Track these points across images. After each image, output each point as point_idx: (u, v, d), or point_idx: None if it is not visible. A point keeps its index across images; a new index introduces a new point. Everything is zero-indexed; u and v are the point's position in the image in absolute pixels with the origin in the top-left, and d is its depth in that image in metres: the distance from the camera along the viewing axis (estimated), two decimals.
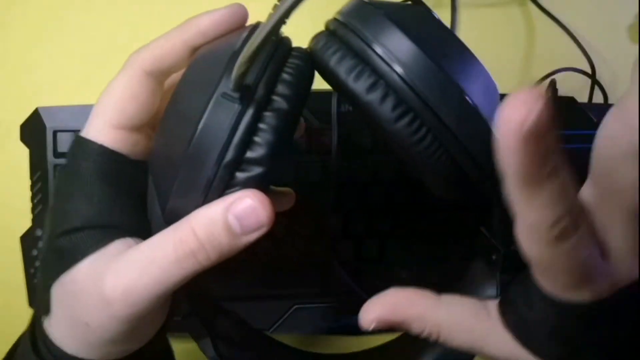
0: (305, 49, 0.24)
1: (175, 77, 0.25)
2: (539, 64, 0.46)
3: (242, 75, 0.20)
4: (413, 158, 0.22)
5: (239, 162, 0.20)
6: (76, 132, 0.39)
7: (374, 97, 0.21)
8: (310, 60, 0.23)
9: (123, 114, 0.24)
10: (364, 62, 0.21)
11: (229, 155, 0.20)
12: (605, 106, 0.45)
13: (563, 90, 0.44)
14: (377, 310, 0.23)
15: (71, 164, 0.24)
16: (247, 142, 0.20)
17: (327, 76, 0.23)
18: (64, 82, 0.43)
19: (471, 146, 0.21)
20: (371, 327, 0.22)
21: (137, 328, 0.22)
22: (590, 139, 0.43)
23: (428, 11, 0.25)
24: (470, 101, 0.21)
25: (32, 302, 0.40)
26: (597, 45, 0.46)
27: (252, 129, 0.20)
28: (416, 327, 0.22)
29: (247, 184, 0.20)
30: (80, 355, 0.22)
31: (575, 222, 0.18)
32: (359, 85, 0.21)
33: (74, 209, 0.23)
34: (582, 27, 0.46)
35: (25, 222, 0.40)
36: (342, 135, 0.40)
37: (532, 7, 0.46)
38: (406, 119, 0.21)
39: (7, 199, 0.42)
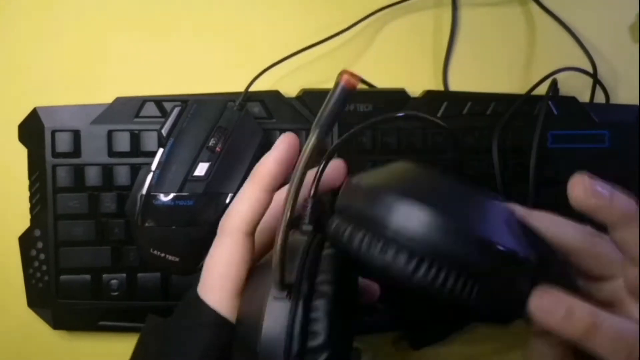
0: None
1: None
2: (541, 64, 0.46)
3: (282, 276, 0.23)
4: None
5: (304, 353, 0.22)
6: (75, 131, 0.39)
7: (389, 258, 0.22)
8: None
9: (239, 279, 0.26)
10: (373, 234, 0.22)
11: (294, 349, 0.22)
12: (607, 106, 0.45)
13: (565, 90, 0.44)
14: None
15: (186, 327, 0.26)
16: (304, 334, 0.23)
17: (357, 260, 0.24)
18: (62, 81, 0.43)
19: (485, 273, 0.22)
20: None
21: None
22: (591, 138, 0.43)
23: (412, 164, 0.25)
24: (477, 235, 0.22)
25: (30, 302, 0.40)
26: (599, 45, 0.46)
27: (305, 322, 0.23)
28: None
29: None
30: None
31: None
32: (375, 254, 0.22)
33: None
34: (584, 27, 0.46)
35: (23, 222, 0.40)
36: (342, 135, 0.40)
37: (534, 7, 0.46)
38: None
39: (6, 200, 0.42)
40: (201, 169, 0.36)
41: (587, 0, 0.47)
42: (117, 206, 0.39)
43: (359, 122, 0.40)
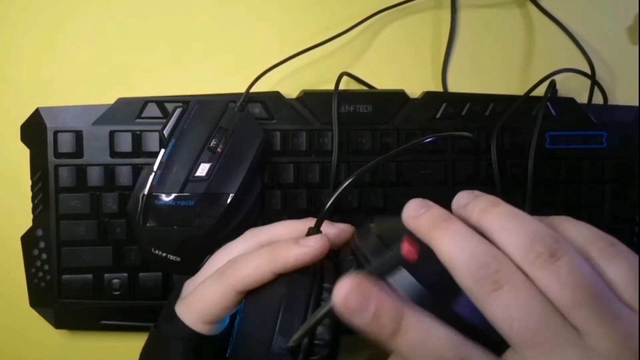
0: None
1: None
2: (539, 65, 0.46)
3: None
4: None
5: None
6: (77, 132, 0.40)
7: None
8: None
9: (215, 318, 0.29)
10: None
11: None
12: (605, 107, 0.45)
13: (563, 91, 0.44)
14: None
15: (163, 337, 0.30)
16: None
17: None
18: (64, 82, 0.43)
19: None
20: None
21: None
22: (589, 139, 0.43)
23: None
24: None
25: (32, 302, 0.40)
26: (597, 46, 0.46)
27: None
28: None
29: None
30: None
31: None
32: None
33: None
34: (582, 28, 0.46)
35: (25, 222, 0.40)
36: (342, 135, 0.40)
37: (532, 8, 0.46)
38: None
39: (8, 200, 0.42)
40: (202, 170, 0.36)
41: (585, 2, 0.47)
42: (118, 206, 0.40)
43: (359, 122, 0.41)
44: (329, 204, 0.28)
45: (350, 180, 0.28)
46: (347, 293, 0.22)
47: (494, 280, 0.21)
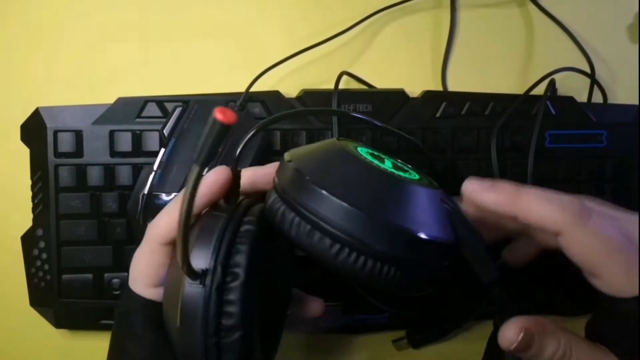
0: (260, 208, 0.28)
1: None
2: (539, 64, 0.46)
3: (188, 267, 0.24)
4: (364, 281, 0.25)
5: (219, 331, 0.24)
6: (77, 132, 0.40)
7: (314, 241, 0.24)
8: (262, 221, 0.27)
9: (154, 278, 0.29)
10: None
11: (210, 330, 0.24)
12: (605, 105, 0.45)
13: (562, 90, 0.44)
14: (519, 323, 0.25)
15: (122, 314, 0.30)
16: (219, 315, 0.24)
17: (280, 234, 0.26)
18: (64, 82, 0.43)
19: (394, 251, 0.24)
20: (519, 337, 0.25)
21: None
22: (589, 138, 0.43)
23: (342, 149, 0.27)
24: (390, 223, 0.24)
25: (32, 301, 0.40)
26: (596, 45, 0.46)
27: (219, 305, 0.24)
28: (552, 343, 0.25)
29: (230, 347, 0.24)
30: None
31: None
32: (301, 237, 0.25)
33: (131, 353, 0.28)
34: (582, 27, 0.46)
35: (26, 222, 0.40)
36: (342, 135, 0.40)
37: (532, 7, 0.46)
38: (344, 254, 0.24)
39: (8, 199, 0.42)
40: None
41: (585, 1, 0.47)
42: (118, 206, 0.40)
43: (359, 122, 0.41)
44: (239, 148, 0.28)
45: (254, 131, 0.28)
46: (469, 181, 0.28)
47: (586, 211, 0.25)
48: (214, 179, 0.28)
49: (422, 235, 0.24)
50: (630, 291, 0.24)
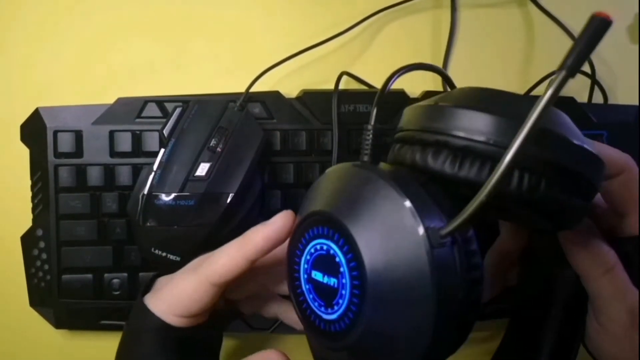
0: None
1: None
2: (539, 64, 0.46)
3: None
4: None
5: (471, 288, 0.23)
6: (77, 132, 0.40)
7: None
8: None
9: (186, 310, 0.29)
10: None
11: (466, 291, 0.22)
12: (605, 106, 0.45)
13: (563, 91, 0.44)
14: None
15: (134, 332, 0.29)
16: (470, 272, 0.23)
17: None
18: (64, 82, 0.43)
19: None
20: None
21: None
22: (589, 138, 0.43)
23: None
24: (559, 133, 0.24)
25: (32, 302, 0.40)
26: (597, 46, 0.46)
27: (468, 262, 0.23)
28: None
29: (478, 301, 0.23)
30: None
31: None
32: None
33: None
34: (581, 27, 0.46)
35: (25, 222, 0.40)
36: (342, 135, 0.40)
37: (532, 8, 0.46)
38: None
39: (8, 199, 0.42)
40: (202, 169, 0.36)
41: (585, 1, 0.47)
42: (118, 206, 0.40)
43: (359, 122, 0.41)
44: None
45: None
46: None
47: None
48: (280, 224, 0.28)
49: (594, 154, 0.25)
50: None
